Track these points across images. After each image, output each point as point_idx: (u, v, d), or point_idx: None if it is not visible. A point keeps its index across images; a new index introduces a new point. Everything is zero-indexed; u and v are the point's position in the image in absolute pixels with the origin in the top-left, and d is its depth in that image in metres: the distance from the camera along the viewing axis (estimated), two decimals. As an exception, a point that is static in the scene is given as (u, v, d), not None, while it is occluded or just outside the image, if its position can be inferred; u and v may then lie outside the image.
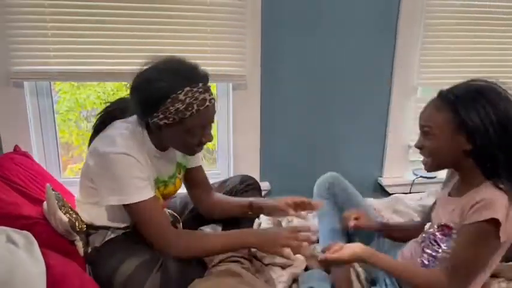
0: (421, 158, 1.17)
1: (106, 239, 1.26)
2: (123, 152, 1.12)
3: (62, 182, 1.62)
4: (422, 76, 1.96)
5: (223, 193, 1.53)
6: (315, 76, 1.91)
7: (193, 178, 1.44)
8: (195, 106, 1.10)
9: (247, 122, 1.91)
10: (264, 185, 1.97)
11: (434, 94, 1.13)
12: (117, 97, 1.38)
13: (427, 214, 1.33)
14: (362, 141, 2.03)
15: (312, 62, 1.89)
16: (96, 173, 1.18)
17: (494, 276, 1.26)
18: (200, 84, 1.12)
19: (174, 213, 1.40)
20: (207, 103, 1.13)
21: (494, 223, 0.98)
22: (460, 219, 1.06)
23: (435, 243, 1.13)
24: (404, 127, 2.02)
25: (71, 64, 1.68)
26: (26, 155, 1.58)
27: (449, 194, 1.19)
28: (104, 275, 1.18)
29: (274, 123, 1.93)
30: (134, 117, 1.22)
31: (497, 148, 1.03)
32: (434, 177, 2.03)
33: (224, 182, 1.60)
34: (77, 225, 1.22)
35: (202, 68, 1.16)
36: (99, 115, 1.30)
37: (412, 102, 2.00)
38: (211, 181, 1.52)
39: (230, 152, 1.96)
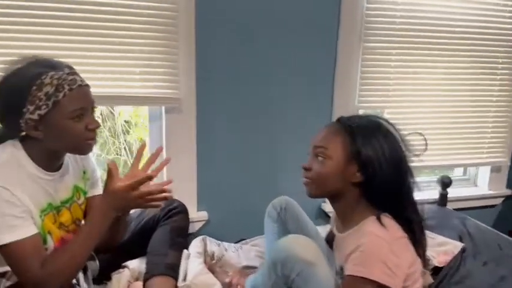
0: None
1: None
2: None
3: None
4: (362, 100, 1.93)
5: (140, 225, 1.43)
6: (255, 99, 1.82)
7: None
8: (65, 86, 1.01)
9: (182, 148, 1.76)
10: (202, 215, 1.83)
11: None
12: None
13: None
14: (304, 165, 1.96)
15: (251, 84, 1.79)
16: None
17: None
18: (65, 69, 1.03)
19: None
20: (79, 83, 1.04)
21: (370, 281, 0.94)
22: (344, 262, 1.03)
23: None
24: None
25: None
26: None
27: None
28: None
29: (212, 148, 1.79)
30: (8, 141, 1.08)
31: (386, 182, 1.03)
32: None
33: (143, 211, 1.46)
34: None
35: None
36: None
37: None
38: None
39: (163, 179, 1.79)
